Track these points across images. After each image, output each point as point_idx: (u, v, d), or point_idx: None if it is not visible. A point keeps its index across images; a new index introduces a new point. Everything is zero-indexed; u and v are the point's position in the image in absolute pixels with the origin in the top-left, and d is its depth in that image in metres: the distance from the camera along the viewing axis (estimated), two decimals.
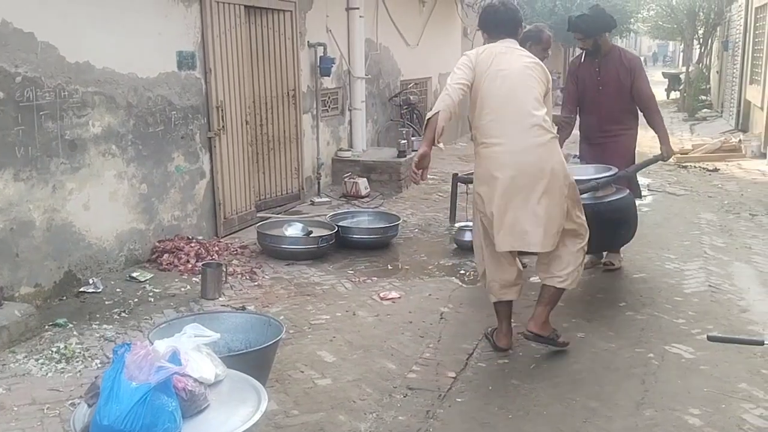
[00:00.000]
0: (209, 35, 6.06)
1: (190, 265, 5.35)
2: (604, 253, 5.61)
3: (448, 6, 12.47)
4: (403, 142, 8.80)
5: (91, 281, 4.91)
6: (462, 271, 5.60)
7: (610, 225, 4.83)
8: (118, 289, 4.94)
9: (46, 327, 4.25)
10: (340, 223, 6.31)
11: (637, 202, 5.61)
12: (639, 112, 5.45)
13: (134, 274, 5.16)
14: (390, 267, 5.72)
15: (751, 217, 7.27)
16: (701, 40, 21.72)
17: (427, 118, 3.85)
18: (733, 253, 5.99)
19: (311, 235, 5.89)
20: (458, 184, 7.22)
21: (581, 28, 5.35)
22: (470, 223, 6.35)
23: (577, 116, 5.60)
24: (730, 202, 7.99)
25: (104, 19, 5.09)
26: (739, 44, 14.87)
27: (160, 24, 5.61)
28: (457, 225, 6.51)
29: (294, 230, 5.94)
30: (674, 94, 22.82)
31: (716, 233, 6.67)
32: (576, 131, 5.70)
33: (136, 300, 4.77)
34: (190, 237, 5.84)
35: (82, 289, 4.84)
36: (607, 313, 4.67)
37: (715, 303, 4.85)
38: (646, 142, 7.19)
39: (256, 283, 5.20)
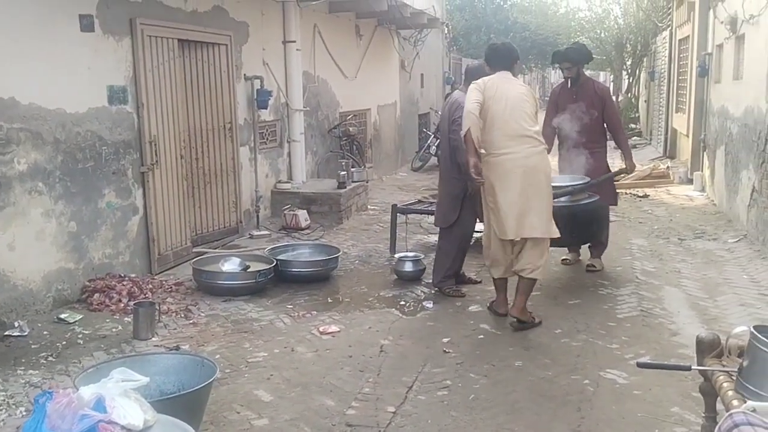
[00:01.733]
0: (141, 69, 5.97)
1: (122, 305, 5.20)
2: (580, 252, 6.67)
3: (385, 39, 12.64)
4: (343, 173, 8.80)
5: (16, 324, 4.72)
6: (402, 302, 5.59)
7: (582, 223, 5.78)
8: (45, 332, 4.75)
9: None
10: (279, 257, 6.23)
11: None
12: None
13: (63, 316, 4.98)
14: (330, 300, 5.68)
15: (680, 242, 7.51)
16: (629, 70, 22.55)
17: (463, 135, 4.84)
18: (664, 278, 6.17)
19: (248, 270, 5.81)
20: (398, 214, 7.29)
21: (571, 58, 6.32)
22: (410, 254, 6.44)
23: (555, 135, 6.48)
24: (660, 227, 8.25)
25: (30, 54, 4.97)
26: (665, 75, 15.51)
27: (89, 58, 5.51)
28: (397, 256, 6.52)
29: (231, 265, 5.85)
30: None
31: (647, 258, 6.86)
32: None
33: (64, 343, 4.60)
34: (123, 275, 5.68)
35: (6, 333, 4.63)
36: (543, 341, 4.73)
37: (647, 327, 4.96)
38: None
39: (191, 322, 5.08)
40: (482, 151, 4.91)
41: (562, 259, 6.60)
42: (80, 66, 5.43)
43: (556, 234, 4.98)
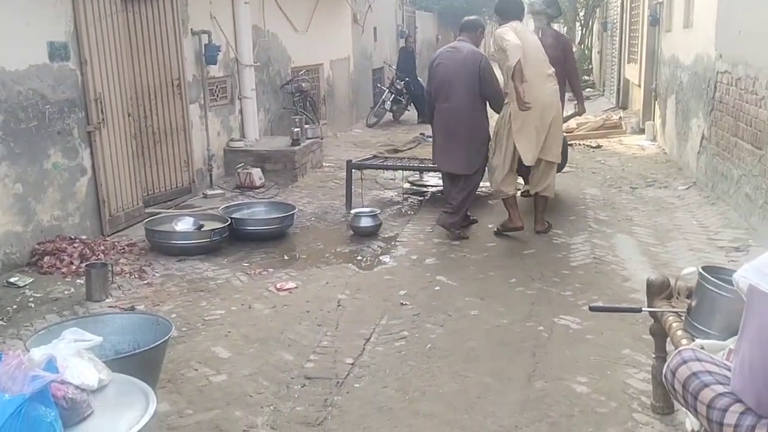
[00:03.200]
0: (83, 24, 5.75)
1: (73, 267, 5.08)
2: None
3: None
4: (296, 130, 8.69)
5: None
6: (359, 257, 5.60)
7: None
8: None
9: None
10: (233, 215, 6.16)
11: None
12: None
13: (12, 280, 4.84)
14: (287, 257, 5.65)
15: (631, 191, 7.64)
16: (582, 21, 22.59)
17: (513, 66, 5.47)
18: (616, 226, 6.29)
19: (203, 229, 5.73)
20: (353, 170, 7.25)
21: (548, 12, 7.02)
22: (366, 209, 6.44)
23: None
24: (613, 176, 8.38)
25: None
26: (617, 25, 15.58)
27: (28, 13, 5.28)
28: (353, 211, 6.49)
29: (184, 225, 5.76)
30: None
31: (600, 207, 6.97)
32: None
33: (15, 307, 4.49)
34: (73, 237, 5.55)
35: None
36: (499, 291, 4.80)
37: (599, 274, 5.07)
38: None
39: (145, 282, 5.00)
40: (506, 92, 5.77)
41: (522, 192, 6.92)
42: (18, 22, 5.20)
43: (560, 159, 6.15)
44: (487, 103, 6.03)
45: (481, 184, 6.50)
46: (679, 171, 8.45)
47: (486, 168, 6.18)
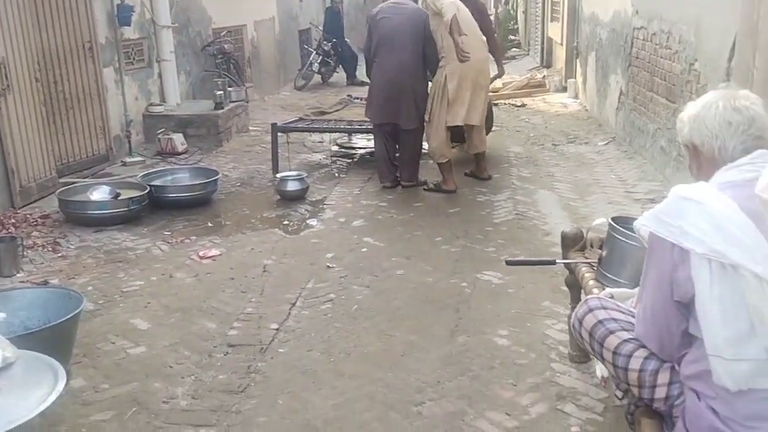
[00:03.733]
0: None
1: None
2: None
3: None
4: (219, 93, 8.44)
5: None
6: (286, 222, 5.53)
7: None
8: None
9: None
10: (153, 182, 5.97)
11: None
12: None
13: None
14: (210, 224, 5.53)
15: (554, 147, 7.77)
16: None
17: (450, 20, 5.71)
18: (538, 182, 6.39)
19: (120, 198, 5.53)
20: (279, 133, 7.12)
21: None
22: (293, 173, 6.33)
23: None
24: (536, 134, 8.50)
25: None
26: None
27: None
28: (279, 175, 6.38)
29: (100, 194, 5.54)
30: None
31: (523, 165, 7.07)
32: None
33: None
34: None
35: None
36: (424, 249, 4.82)
37: (521, 229, 5.15)
38: None
39: (59, 255, 4.81)
40: (443, 55, 5.93)
41: (453, 145, 6.90)
42: None
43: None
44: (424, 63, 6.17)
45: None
46: (600, 127, 8.63)
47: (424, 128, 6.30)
